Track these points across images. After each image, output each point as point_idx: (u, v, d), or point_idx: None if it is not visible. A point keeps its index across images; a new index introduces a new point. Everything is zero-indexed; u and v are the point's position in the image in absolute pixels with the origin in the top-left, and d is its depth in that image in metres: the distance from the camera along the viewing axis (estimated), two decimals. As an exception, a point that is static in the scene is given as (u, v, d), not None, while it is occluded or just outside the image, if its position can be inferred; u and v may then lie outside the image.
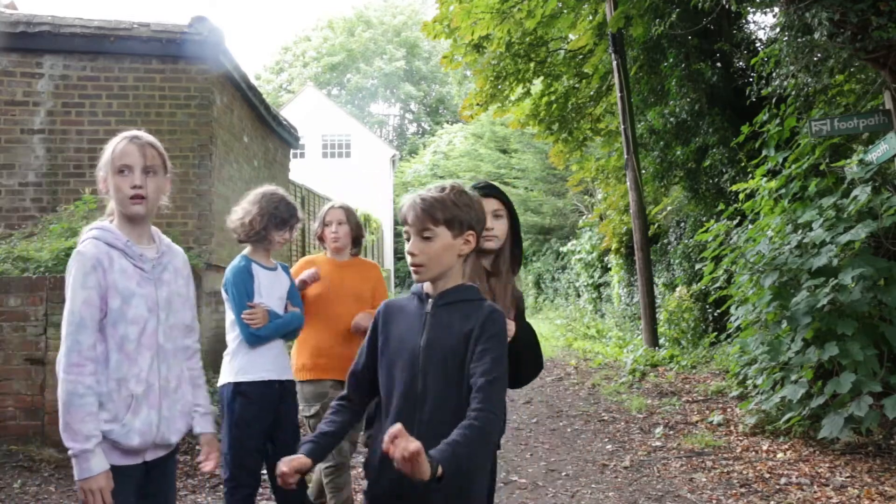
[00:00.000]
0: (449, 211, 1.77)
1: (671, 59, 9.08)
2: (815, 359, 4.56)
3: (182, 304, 2.15)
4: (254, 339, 2.92)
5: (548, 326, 15.40)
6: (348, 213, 3.46)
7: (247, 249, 3.08)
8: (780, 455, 4.65)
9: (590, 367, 9.25)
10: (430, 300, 1.84)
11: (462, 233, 1.80)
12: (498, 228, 2.29)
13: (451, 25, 10.59)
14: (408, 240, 1.80)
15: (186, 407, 2.14)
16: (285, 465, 1.74)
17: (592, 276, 15.11)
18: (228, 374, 2.95)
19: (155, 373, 2.02)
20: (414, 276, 1.81)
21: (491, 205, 2.27)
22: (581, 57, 11.68)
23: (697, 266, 8.59)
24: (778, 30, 5.95)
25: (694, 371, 7.98)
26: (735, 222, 6.67)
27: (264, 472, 3.05)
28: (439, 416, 1.74)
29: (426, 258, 1.78)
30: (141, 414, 1.98)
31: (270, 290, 3.03)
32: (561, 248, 18.12)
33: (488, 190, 2.33)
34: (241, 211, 3.03)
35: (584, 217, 17.13)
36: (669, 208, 10.99)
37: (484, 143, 27.30)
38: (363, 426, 2.86)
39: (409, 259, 1.80)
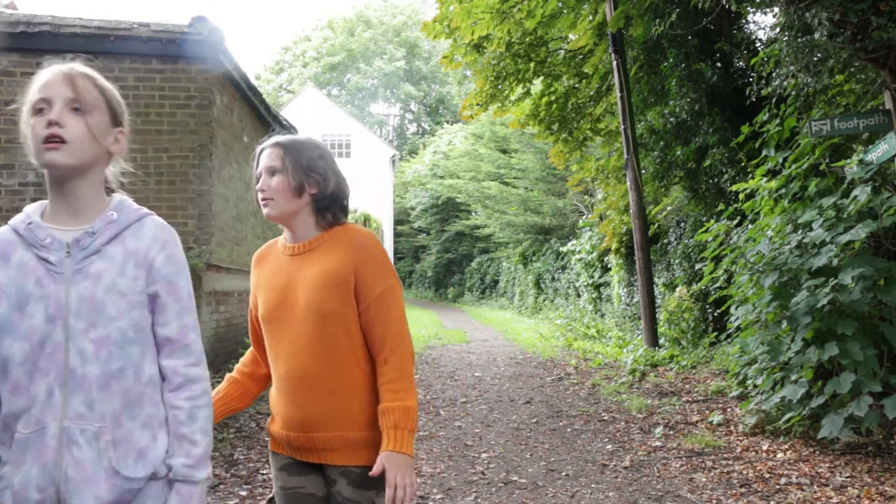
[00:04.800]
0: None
1: (671, 59, 9.08)
2: (815, 359, 4.56)
3: (124, 305, 1.41)
4: None
5: (548, 326, 15.41)
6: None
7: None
8: (780, 455, 4.65)
9: (590, 367, 9.25)
10: None
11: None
12: None
13: (451, 25, 10.60)
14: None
15: (128, 462, 1.39)
16: None
17: (592, 276, 15.11)
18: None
19: (55, 410, 1.36)
20: None
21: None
22: (581, 57, 11.69)
23: (697, 266, 8.59)
24: (778, 30, 5.95)
25: (694, 371, 7.98)
26: (735, 222, 6.67)
27: None
28: None
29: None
30: (23, 467, 1.35)
31: None
32: (561, 248, 18.12)
33: None
34: None
35: (584, 217, 17.14)
36: (669, 208, 11.00)
37: (484, 143, 27.33)
38: None
39: None
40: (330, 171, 1.93)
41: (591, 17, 10.86)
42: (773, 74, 6.36)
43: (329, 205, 1.92)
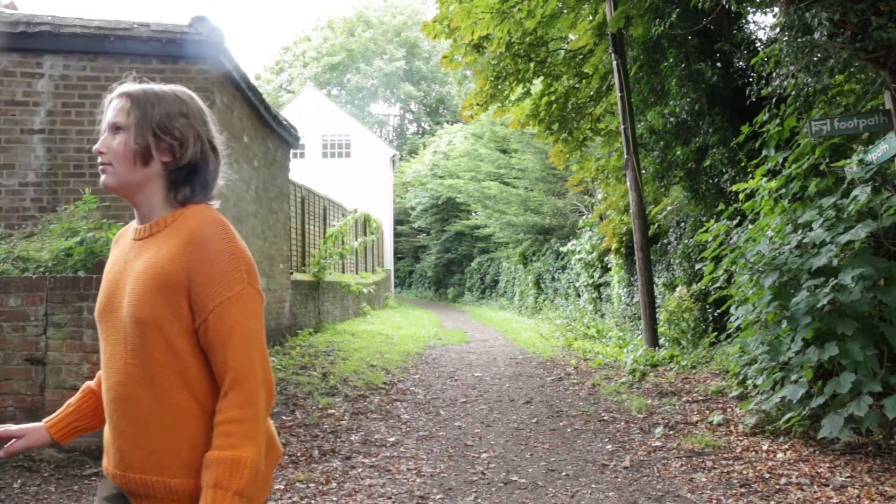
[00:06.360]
0: None
1: (671, 59, 9.08)
2: (815, 359, 4.56)
3: None
4: None
5: (548, 326, 15.41)
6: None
7: None
8: (780, 455, 4.65)
9: (590, 367, 9.25)
10: None
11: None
12: None
13: (451, 25, 10.59)
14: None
15: None
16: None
17: (592, 276, 15.11)
18: None
19: None
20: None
21: None
22: (581, 57, 11.69)
23: (697, 266, 8.59)
24: (778, 30, 5.95)
25: (694, 371, 7.98)
26: (735, 222, 6.67)
27: None
28: None
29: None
30: None
31: None
32: (561, 248, 18.12)
33: None
34: None
35: (584, 217, 17.14)
36: (669, 208, 11.00)
37: (484, 143, 27.33)
38: None
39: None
40: (191, 135, 1.46)
41: (591, 17, 10.86)
42: (773, 74, 6.36)
43: (185, 178, 1.47)
